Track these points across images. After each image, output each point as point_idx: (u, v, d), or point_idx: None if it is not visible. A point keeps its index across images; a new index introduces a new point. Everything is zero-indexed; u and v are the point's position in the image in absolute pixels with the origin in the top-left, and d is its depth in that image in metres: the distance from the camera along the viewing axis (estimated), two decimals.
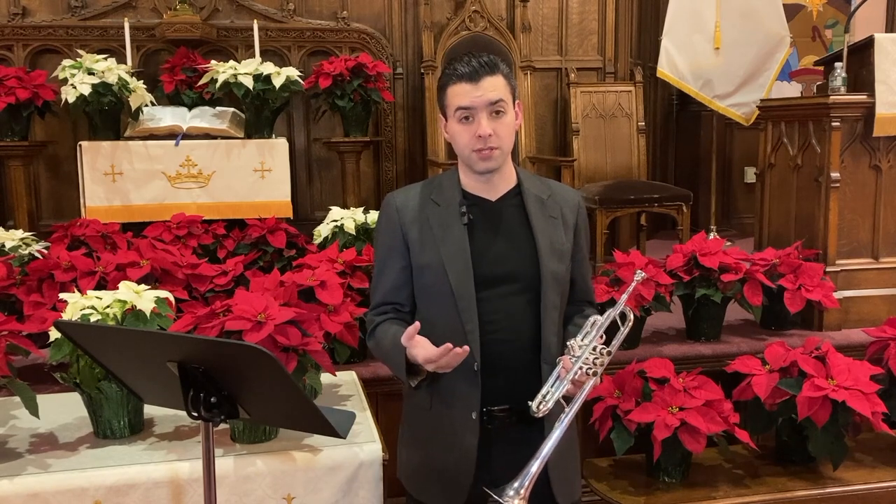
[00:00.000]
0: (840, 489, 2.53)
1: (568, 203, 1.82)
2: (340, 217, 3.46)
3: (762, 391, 2.52)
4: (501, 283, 1.71)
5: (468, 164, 1.74)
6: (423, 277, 1.74)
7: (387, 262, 1.79)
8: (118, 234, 3.57)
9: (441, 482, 1.74)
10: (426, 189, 1.80)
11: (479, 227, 1.74)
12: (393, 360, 1.72)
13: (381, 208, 1.83)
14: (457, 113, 1.68)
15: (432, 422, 1.75)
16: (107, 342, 1.54)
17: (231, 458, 1.93)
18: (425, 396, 1.75)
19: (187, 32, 4.54)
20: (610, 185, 4.74)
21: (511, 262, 1.73)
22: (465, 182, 1.78)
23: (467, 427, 1.70)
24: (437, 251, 1.71)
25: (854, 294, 3.40)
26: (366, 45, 4.98)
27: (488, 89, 1.66)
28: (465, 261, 1.70)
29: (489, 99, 1.66)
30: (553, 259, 1.73)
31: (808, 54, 6.16)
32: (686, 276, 3.08)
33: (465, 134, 1.69)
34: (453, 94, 1.69)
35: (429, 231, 1.73)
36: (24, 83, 4.01)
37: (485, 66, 1.67)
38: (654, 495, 2.49)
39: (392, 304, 1.78)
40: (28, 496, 1.80)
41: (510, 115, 1.70)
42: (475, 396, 1.69)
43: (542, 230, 1.75)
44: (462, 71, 1.67)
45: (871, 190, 3.43)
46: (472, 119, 1.67)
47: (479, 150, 1.68)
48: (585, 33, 5.42)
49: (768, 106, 3.82)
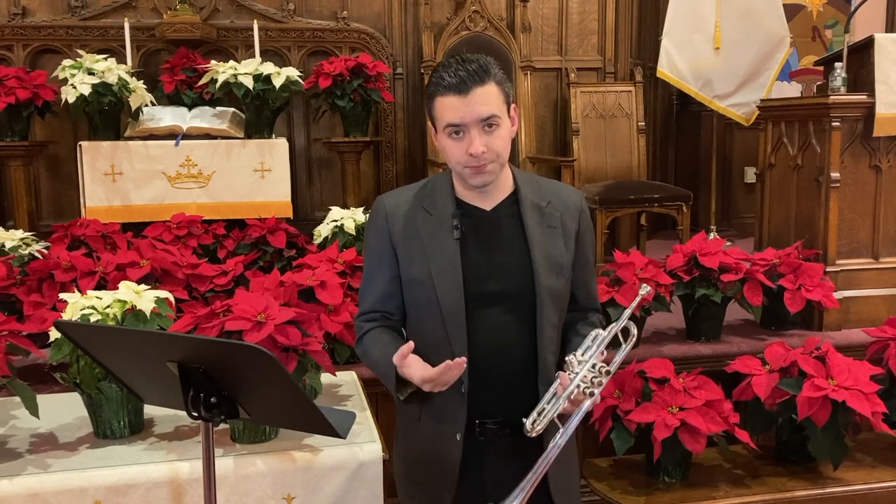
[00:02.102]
0: (840, 489, 2.53)
1: (569, 209, 1.71)
2: (340, 217, 3.47)
3: (762, 391, 2.52)
4: (494, 301, 1.62)
5: (461, 178, 1.64)
6: (412, 291, 1.66)
7: (376, 270, 1.71)
8: (118, 234, 3.57)
9: (425, 493, 1.71)
10: (418, 195, 1.70)
11: (471, 239, 1.64)
12: (381, 371, 1.65)
13: (371, 212, 1.73)
14: (446, 129, 1.57)
15: (420, 434, 1.70)
16: (107, 342, 1.54)
17: (231, 458, 1.92)
18: (415, 409, 1.69)
19: (187, 32, 4.54)
20: (610, 185, 4.75)
21: (505, 278, 1.63)
22: (458, 190, 1.68)
23: (452, 447, 1.64)
24: (426, 266, 1.62)
25: (854, 294, 3.40)
26: (366, 45, 4.99)
27: (479, 103, 1.54)
28: (456, 277, 1.60)
29: (480, 115, 1.54)
30: (550, 274, 1.64)
31: (808, 54, 6.16)
32: (686, 276, 3.08)
33: (455, 150, 1.58)
34: (442, 108, 1.57)
35: (419, 243, 1.64)
36: (24, 83, 4.01)
37: (474, 76, 1.54)
38: (654, 495, 2.49)
39: (380, 313, 1.71)
40: (28, 496, 1.80)
41: (504, 128, 1.59)
42: (461, 418, 1.62)
43: (538, 243, 1.64)
44: (449, 81, 1.54)
45: (871, 190, 3.43)
46: (463, 135, 1.56)
47: (471, 166, 1.58)
48: (585, 33, 5.42)
49: (768, 106, 3.82)
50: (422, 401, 1.66)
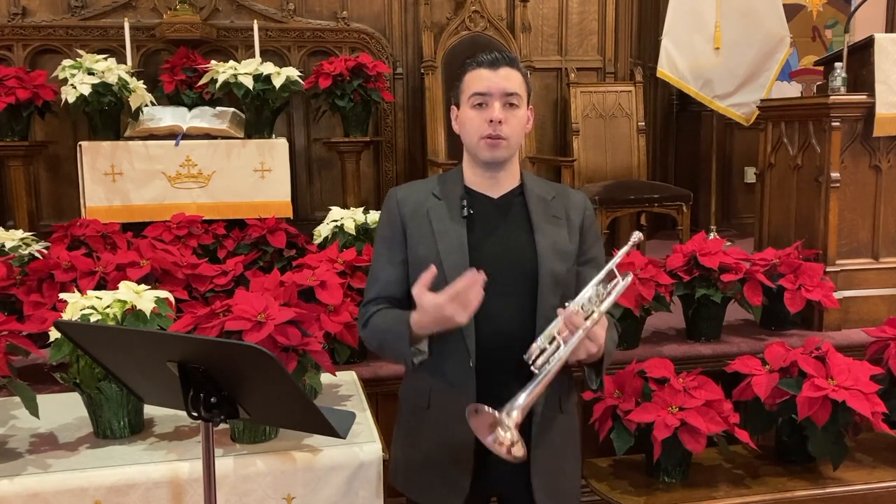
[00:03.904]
0: (840, 489, 2.53)
1: (574, 205, 1.78)
2: (340, 217, 3.47)
3: (762, 391, 2.52)
4: (499, 281, 1.65)
5: (474, 154, 1.72)
6: (419, 271, 1.68)
7: (386, 255, 1.76)
8: (118, 234, 3.57)
9: (440, 481, 1.73)
10: (429, 184, 1.80)
11: (478, 222, 1.72)
12: (391, 337, 1.68)
13: (384, 202, 1.81)
14: (472, 98, 1.69)
15: (430, 421, 1.74)
16: (107, 342, 1.54)
17: (231, 458, 1.92)
18: (424, 396, 1.74)
19: (187, 32, 4.54)
20: (610, 185, 4.75)
21: (509, 260, 1.69)
22: (468, 178, 1.77)
23: (465, 427, 1.65)
24: (433, 245, 1.69)
25: (854, 294, 3.40)
26: (366, 45, 4.99)
27: (505, 78, 1.68)
28: (463, 256, 1.67)
29: (505, 88, 1.68)
30: (555, 259, 1.70)
31: (808, 54, 6.16)
32: (686, 276, 3.08)
33: (476, 119, 1.69)
34: (471, 80, 1.71)
35: (427, 224, 1.72)
36: (24, 83, 4.01)
37: (505, 58, 1.71)
38: (654, 495, 2.49)
39: (388, 298, 1.75)
40: (28, 496, 1.80)
41: (523, 111, 1.72)
42: (471, 393, 1.66)
43: (543, 229, 1.72)
44: (482, 58, 1.71)
45: (871, 190, 3.43)
46: (486, 106, 1.68)
47: (487, 136, 1.68)
48: (585, 33, 5.42)
49: (768, 106, 3.82)
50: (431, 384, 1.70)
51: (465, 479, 1.70)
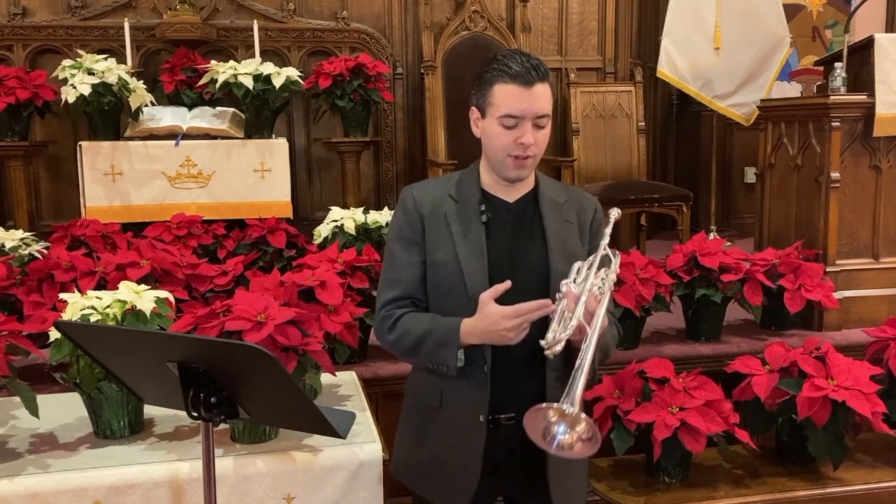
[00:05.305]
0: (840, 489, 2.53)
1: (584, 207, 1.80)
2: (340, 217, 3.46)
3: (762, 391, 2.52)
4: (514, 286, 1.64)
5: (498, 169, 1.71)
6: (437, 274, 1.71)
7: (407, 255, 1.73)
8: (118, 234, 3.57)
9: (447, 481, 1.73)
10: (444, 184, 1.78)
11: (495, 227, 1.72)
12: (433, 341, 1.65)
13: (400, 201, 1.78)
14: (502, 119, 1.63)
15: (441, 421, 1.74)
16: (107, 342, 1.54)
17: (231, 458, 1.92)
18: (435, 395, 1.73)
19: (187, 32, 4.54)
20: (610, 185, 4.75)
21: (525, 264, 1.70)
22: (485, 181, 1.76)
23: (476, 429, 1.68)
24: (452, 248, 1.69)
25: (854, 294, 3.40)
26: (366, 45, 4.99)
27: (539, 98, 1.62)
28: (482, 260, 1.68)
29: (537, 111, 1.63)
30: (565, 262, 1.70)
31: (808, 54, 6.16)
32: (686, 276, 3.08)
33: (504, 138, 1.65)
34: (502, 96, 1.63)
35: (445, 226, 1.71)
36: (24, 83, 4.01)
37: (537, 70, 1.62)
38: (654, 495, 2.49)
39: (411, 299, 1.73)
40: (28, 496, 1.80)
41: (548, 129, 1.70)
42: (484, 399, 1.67)
43: (555, 233, 1.73)
44: (515, 70, 1.61)
45: (871, 190, 3.43)
46: (517, 126, 1.64)
47: (516, 156, 1.65)
48: (585, 33, 5.42)
49: (768, 106, 3.82)
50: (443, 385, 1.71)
51: (473, 480, 1.70)
